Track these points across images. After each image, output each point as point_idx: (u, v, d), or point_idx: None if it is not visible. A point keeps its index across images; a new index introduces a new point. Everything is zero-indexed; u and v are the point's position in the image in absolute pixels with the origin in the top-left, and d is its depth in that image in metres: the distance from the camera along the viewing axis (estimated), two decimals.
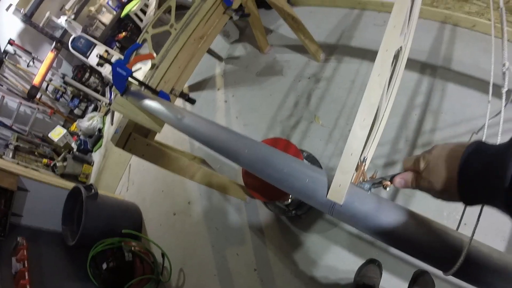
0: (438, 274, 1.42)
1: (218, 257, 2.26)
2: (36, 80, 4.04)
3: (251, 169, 0.83)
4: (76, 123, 4.46)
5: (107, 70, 4.23)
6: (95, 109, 4.88)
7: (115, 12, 5.00)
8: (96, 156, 4.16)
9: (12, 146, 3.72)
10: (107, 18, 4.95)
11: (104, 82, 4.90)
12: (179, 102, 2.68)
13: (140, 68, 1.52)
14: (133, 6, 4.55)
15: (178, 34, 1.71)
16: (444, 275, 0.55)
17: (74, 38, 4.14)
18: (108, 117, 4.39)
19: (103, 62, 3.93)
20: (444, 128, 1.90)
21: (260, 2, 2.57)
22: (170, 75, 1.63)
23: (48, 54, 4.17)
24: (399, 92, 2.05)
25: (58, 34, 4.44)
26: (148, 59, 1.55)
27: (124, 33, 4.94)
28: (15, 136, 3.98)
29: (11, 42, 4.11)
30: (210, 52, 3.26)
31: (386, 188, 0.63)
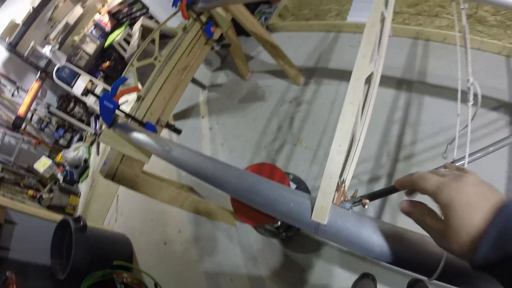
0: (433, 281, 1.46)
1: (212, 284, 2.23)
2: (21, 110, 4.02)
3: (239, 197, 0.87)
4: (61, 153, 4.42)
5: (91, 100, 4.24)
6: (81, 139, 4.85)
7: (98, 42, 5.08)
8: (82, 187, 4.10)
9: None
10: (91, 47, 5.02)
11: (89, 112, 4.91)
12: (165, 132, 2.71)
13: (126, 100, 1.56)
14: (116, 36, 4.65)
15: (162, 66, 1.77)
16: (428, 280, 0.59)
17: (59, 68, 4.17)
18: (93, 147, 4.37)
19: (90, 94, 3.95)
20: (424, 140, 1.98)
21: (239, 30, 2.65)
22: (156, 107, 1.68)
23: (33, 83, 4.18)
24: (378, 109, 2.19)
25: (42, 63, 4.48)
26: (134, 91, 1.60)
27: (108, 62, 5.01)
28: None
29: None
30: (193, 80, 3.33)
31: (365, 206, 0.68)
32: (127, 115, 1.53)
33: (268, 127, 2.68)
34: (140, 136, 1.33)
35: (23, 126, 4.28)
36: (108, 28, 5.13)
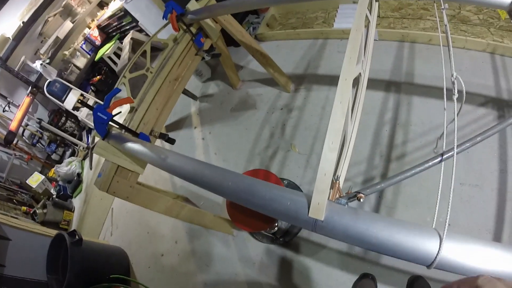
0: (434, 276, 1.48)
1: None
2: (12, 126, 3.97)
3: (236, 199, 0.88)
4: (54, 168, 4.36)
5: (83, 114, 4.23)
6: (73, 154, 4.81)
7: (89, 56, 5.09)
8: (76, 201, 4.05)
9: None
10: (81, 62, 5.02)
11: (80, 126, 4.88)
12: (158, 142, 2.72)
13: (119, 112, 1.57)
14: (106, 50, 4.67)
15: (154, 77, 1.80)
16: (428, 269, 0.61)
17: (50, 82, 4.16)
18: (86, 161, 4.33)
19: (83, 106, 3.94)
20: (415, 139, 2.03)
21: (229, 40, 2.70)
22: (149, 117, 1.70)
23: (24, 98, 4.15)
24: (368, 112, 2.24)
25: (33, 78, 4.46)
26: (127, 103, 1.61)
27: (98, 76, 5.01)
28: None
29: None
30: (185, 91, 3.34)
31: (360, 199, 0.71)
32: (121, 126, 1.54)
33: (260, 134, 2.70)
34: (135, 146, 1.34)
35: (14, 142, 4.23)
36: (98, 42, 5.14)
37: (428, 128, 2.02)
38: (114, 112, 1.50)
